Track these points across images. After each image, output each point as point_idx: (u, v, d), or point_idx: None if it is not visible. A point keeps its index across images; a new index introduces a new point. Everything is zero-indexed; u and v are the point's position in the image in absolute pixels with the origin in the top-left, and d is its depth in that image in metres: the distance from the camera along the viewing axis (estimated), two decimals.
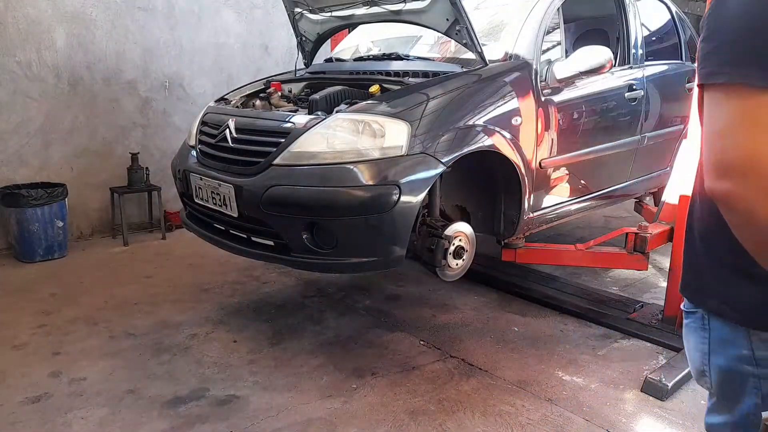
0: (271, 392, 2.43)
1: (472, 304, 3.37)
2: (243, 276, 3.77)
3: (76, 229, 4.53)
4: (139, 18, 4.61)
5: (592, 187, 3.39)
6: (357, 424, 2.22)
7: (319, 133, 2.42)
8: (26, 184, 4.17)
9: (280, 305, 3.33)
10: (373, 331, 3.01)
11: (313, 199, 2.34)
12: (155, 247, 4.44)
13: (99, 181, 4.59)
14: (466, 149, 2.49)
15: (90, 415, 2.26)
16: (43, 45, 4.19)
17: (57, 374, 2.55)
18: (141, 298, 3.39)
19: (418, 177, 2.35)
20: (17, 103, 4.14)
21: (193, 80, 4.99)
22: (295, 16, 3.44)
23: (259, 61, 5.38)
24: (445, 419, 2.25)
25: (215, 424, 2.21)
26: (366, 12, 3.06)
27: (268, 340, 2.89)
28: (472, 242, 2.63)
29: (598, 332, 3.01)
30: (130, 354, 2.74)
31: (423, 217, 2.59)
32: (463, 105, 2.56)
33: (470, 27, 2.62)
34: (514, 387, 2.48)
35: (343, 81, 3.05)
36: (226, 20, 5.12)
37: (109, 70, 4.53)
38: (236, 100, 3.21)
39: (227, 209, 2.62)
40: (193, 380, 2.52)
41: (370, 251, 2.42)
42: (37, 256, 4.02)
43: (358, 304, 3.37)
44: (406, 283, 3.67)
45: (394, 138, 2.36)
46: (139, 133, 4.77)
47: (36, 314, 3.16)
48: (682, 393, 2.48)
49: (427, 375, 2.58)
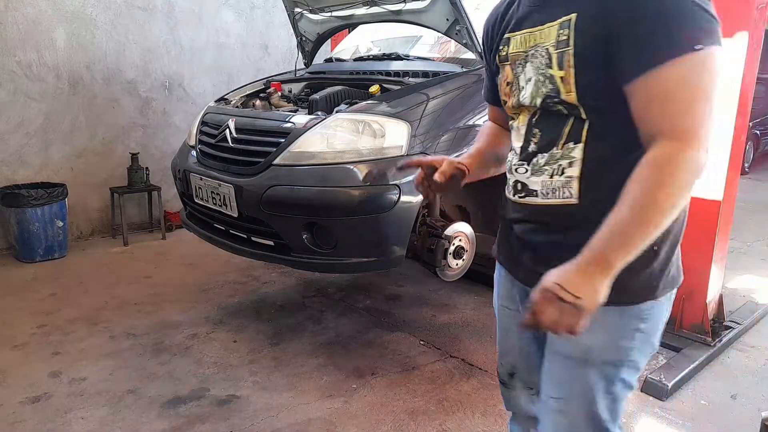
0: (271, 392, 2.43)
1: (472, 304, 3.37)
2: (243, 276, 3.77)
3: (76, 229, 4.53)
4: (139, 18, 4.61)
5: None
6: (357, 424, 2.22)
7: (319, 133, 2.42)
8: (26, 184, 4.17)
9: (280, 305, 3.33)
10: (373, 331, 3.01)
11: (313, 199, 2.34)
12: (155, 247, 4.44)
13: (99, 181, 4.59)
14: (466, 149, 2.49)
15: (90, 415, 2.26)
16: (43, 45, 4.19)
17: (57, 374, 2.55)
18: (141, 298, 3.39)
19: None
20: (17, 103, 4.14)
21: (193, 80, 4.99)
22: (295, 16, 3.44)
23: (259, 61, 5.38)
24: (445, 419, 2.25)
25: (215, 424, 2.21)
26: (366, 12, 3.06)
27: (268, 340, 2.89)
28: (472, 242, 2.63)
29: None
30: (130, 354, 2.74)
31: (423, 217, 2.59)
32: (463, 105, 2.56)
33: (470, 27, 2.62)
34: None
35: (343, 81, 3.05)
36: (226, 20, 5.12)
37: (109, 70, 4.53)
38: (236, 100, 3.21)
39: (227, 209, 2.62)
40: (193, 380, 2.52)
41: (370, 251, 2.42)
42: (37, 256, 4.02)
43: (358, 304, 3.37)
44: (406, 283, 3.67)
45: (394, 138, 2.36)
46: (139, 133, 4.77)
47: (36, 314, 3.15)
48: (682, 393, 2.48)
49: (427, 375, 2.58)
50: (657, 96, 0.92)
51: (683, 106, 0.91)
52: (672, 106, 0.91)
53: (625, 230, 0.92)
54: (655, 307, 1.10)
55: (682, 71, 0.90)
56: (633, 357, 1.12)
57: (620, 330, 1.10)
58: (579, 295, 0.92)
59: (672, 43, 0.90)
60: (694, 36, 0.89)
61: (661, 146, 0.91)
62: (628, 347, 1.10)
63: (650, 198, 0.91)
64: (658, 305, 1.11)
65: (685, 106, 0.90)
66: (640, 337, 1.10)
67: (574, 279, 0.93)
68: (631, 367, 1.12)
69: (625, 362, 1.11)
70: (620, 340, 1.10)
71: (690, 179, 0.91)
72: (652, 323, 1.11)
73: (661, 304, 1.11)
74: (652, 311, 1.10)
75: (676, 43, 0.90)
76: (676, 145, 0.90)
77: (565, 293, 0.92)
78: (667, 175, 0.90)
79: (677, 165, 0.90)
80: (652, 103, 0.93)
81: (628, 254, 0.93)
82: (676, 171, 0.90)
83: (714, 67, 0.90)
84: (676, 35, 0.90)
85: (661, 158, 0.91)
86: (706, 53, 0.89)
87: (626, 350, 1.11)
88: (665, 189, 0.90)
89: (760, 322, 3.24)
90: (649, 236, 0.92)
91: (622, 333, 1.10)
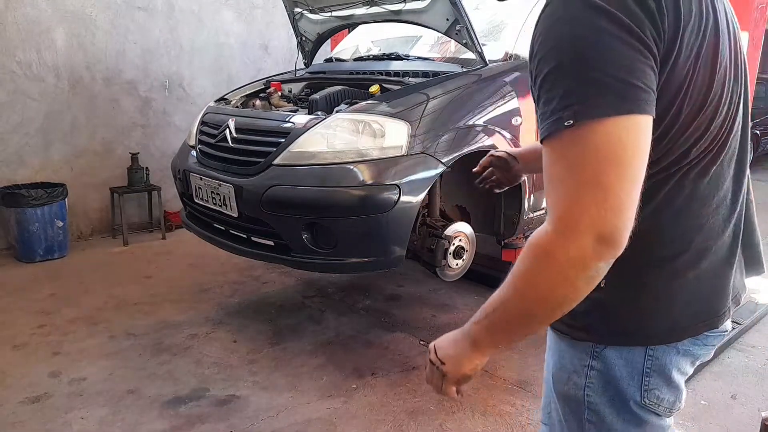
0: (271, 392, 2.43)
1: (472, 304, 3.37)
2: (243, 276, 3.77)
3: (76, 229, 4.53)
4: (139, 18, 4.60)
5: None
6: (357, 424, 2.22)
7: (319, 133, 2.42)
8: (26, 184, 4.17)
9: (280, 305, 3.33)
10: (373, 331, 3.01)
11: (313, 199, 2.34)
12: (155, 247, 4.44)
13: (99, 181, 4.59)
14: (466, 149, 2.49)
15: (90, 415, 2.26)
16: (43, 45, 4.19)
17: (57, 374, 2.55)
18: (141, 298, 3.39)
19: (418, 177, 2.35)
20: (17, 103, 4.14)
21: (193, 80, 4.99)
22: (295, 16, 3.44)
23: (259, 61, 5.38)
24: (445, 419, 2.25)
25: (215, 424, 2.21)
26: (366, 12, 3.06)
27: (268, 340, 2.89)
28: (472, 242, 2.63)
29: None
30: (130, 354, 2.74)
31: (423, 217, 2.59)
32: (463, 105, 2.56)
33: (470, 27, 2.62)
34: (514, 387, 2.48)
35: (343, 81, 3.05)
36: (226, 20, 5.12)
37: (109, 70, 4.53)
38: (236, 100, 3.21)
39: (227, 209, 2.62)
40: (193, 380, 2.52)
41: (370, 251, 2.42)
42: (37, 256, 4.01)
43: (358, 304, 3.37)
44: (406, 283, 3.67)
45: (394, 138, 2.36)
46: (139, 133, 4.77)
47: (36, 314, 3.15)
48: None
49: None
50: (543, 170, 0.81)
51: (552, 188, 0.78)
52: (547, 185, 0.79)
53: (494, 306, 0.85)
54: (609, 350, 0.92)
55: (552, 151, 0.77)
56: (592, 400, 0.95)
57: (571, 362, 0.97)
58: (444, 360, 0.94)
59: (543, 118, 0.77)
60: (567, 107, 0.73)
61: (542, 226, 0.79)
62: (582, 384, 0.95)
63: (516, 282, 0.81)
64: (618, 350, 0.92)
65: (554, 188, 0.77)
66: (596, 377, 0.93)
67: (445, 344, 0.95)
68: (595, 412, 0.95)
69: (584, 403, 0.96)
70: (572, 374, 0.97)
71: (550, 276, 0.77)
72: (612, 367, 0.92)
73: (620, 350, 0.91)
74: (605, 353, 0.92)
75: (546, 119, 0.76)
76: (547, 227, 0.78)
77: (434, 356, 0.95)
78: (526, 260, 0.80)
79: (537, 254, 0.78)
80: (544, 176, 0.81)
81: (492, 336, 0.87)
82: (536, 261, 0.78)
83: (599, 144, 0.72)
84: (548, 109, 0.75)
85: (532, 239, 0.80)
86: (587, 129, 0.72)
87: (581, 387, 0.95)
88: (526, 279, 0.80)
89: (761, 322, 3.24)
90: (514, 326, 0.84)
91: (573, 366, 0.96)
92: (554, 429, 1.05)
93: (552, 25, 0.76)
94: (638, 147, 0.73)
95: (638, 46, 0.72)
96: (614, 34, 0.71)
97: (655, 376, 0.91)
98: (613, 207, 0.72)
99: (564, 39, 0.74)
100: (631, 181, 0.73)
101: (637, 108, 0.72)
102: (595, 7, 0.72)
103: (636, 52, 0.72)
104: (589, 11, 0.72)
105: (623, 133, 0.72)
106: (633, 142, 0.72)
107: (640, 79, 0.72)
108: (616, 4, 0.72)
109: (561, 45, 0.74)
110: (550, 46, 0.75)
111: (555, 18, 0.76)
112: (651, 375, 0.91)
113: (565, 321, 0.91)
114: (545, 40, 0.76)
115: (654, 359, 0.91)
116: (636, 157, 0.73)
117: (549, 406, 1.07)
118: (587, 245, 0.73)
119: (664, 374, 0.92)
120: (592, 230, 0.73)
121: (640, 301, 0.90)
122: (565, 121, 0.73)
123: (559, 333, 0.98)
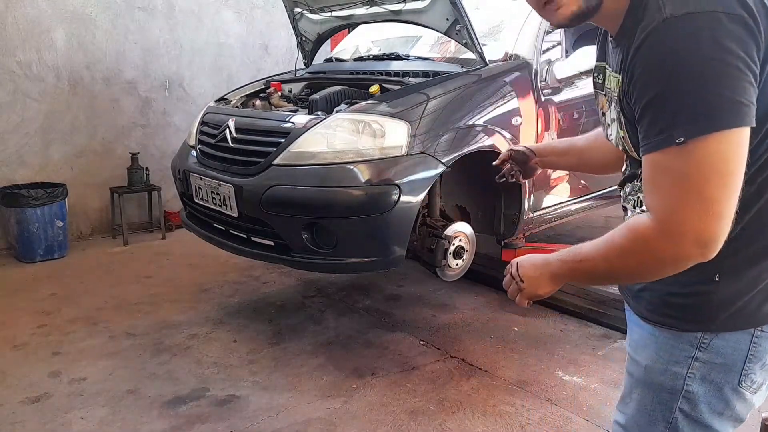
0: (271, 392, 2.43)
1: (472, 304, 3.37)
2: (243, 276, 3.77)
3: (76, 229, 4.53)
4: (139, 18, 4.60)
5: (593, 187, 3.38)
6: (357, 424, 2.22)
7: (319, 133, 2.42)
8: (26, 184, 4.17)
9: (280, 305, 3.33)
10: (373, 331, 3.01)
11: (313, 199, 2.34)
12: (155, 247, 4.43)
13: (99, 181, 4.59)
14: (466, 149, 2.50)
15: (90, 415, 2.26)
16: (43, 45, 4.19)
17: (57, 374, 2.55)
18: (141, 298, 3.39)
19: (418, 177, 2.36)
20: (17, 103, 4.14)
21: (193, 80, 4.99)
22: (295, 16, 3.44)
23: (259, 61, 5.38)
24: (445, 419, 2.25)
25: (215, 424, 2.21)
26: (366, 12, 3.06)
27: (268, 340, 2.89)
28: (472, 242, 2.63)
29: (598, 332, 3.01)
30: (130, 354, 2.74)
31: (423, 217, 2.59)
32: (463, 105, 2.56)
33: (470, 27, 2.62)
34: (514, 387, 2.48)
35: (343, 81, 3.05)
36: (226, 20, 5.12)
37: (109, 70, 4.53)
38: (236, 100, 3.21)
39: (227, 209, 2.62)
40: (193, 380, 2.52)
41: (370, 251, 2.42)
42: (37, 256, 4.01)
43: (358, 304, 3.37)
44: (406, 283, 3.66)
45: (394, 138, 2.37)
46: (139, 133, 4.77)
47: (36, 314, 3.15)
48: None
49: (427, 375, 2.58)
50: (646, 174, 0.90)
51: (656, 193, 0.88)
52: (648, 188, 0.89)
53: (583, 257, 0.97)
54: (718, 340, 0.98)
55: (659, 162, 0.86)
56: (691, 389, 1.01)
57: (672, 353, 1.02)
58: (523, 279, 1.05)
59: (650, 134, 0.86)
60: (678, 126, 0.81)
61: (645, 215, 0.89)
62: (683, 374, 1.01)
63: (609, 250, 0.93)
64: (725, 339, 0.98)
65: (658, 194, 0.87)
66: (699, 367, 1.00)
67: (527, 265, 1.06)
68: (690, 400, 1.01)
69: (680, 392, 1.02)
70: (673, 365, 1.02)
71: (641, 259, 0.90)
72: (718, 357, 0.99)
73: (727, 339, 0.98)
74: (713, 343, 0.98)
75: (655, 135, 0.85)
76: (649, 222, 0.87)
77: (515, 271, 1.07)
78: (624, 240, 0.91)
79: (636, 239, 0.89)
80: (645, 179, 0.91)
81: (572, 277, 1.02)
82: (633, 244, 0.89)
83: (705, 158, 0.81)
84: (657, 127, 0.84)
85: (633, 224, 0.90)
86: (694, 145, 0.80)
87: (681, 377, 1.01)
88: (619, 253, 0.92)
89: None
90: (594, 279, 1.07)
91: (675, 357, 1.02)
92: (634, 418, 1.10)
93: (661, 53, 0.84)
94: (737, 160, 0.82)
95: (744, 69, 0.80)
96: (725, 61, 0.79)
97: (755, 360, 0.99)
98: (713, 216, 0.82)
99: (675, 67, 0.82)
100: (730, 191, 0.82)
101: (740, 121, 0.80)
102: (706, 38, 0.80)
103: (742, 74, 0.80)
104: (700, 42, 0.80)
105: (724, 147, 0.81)
106: (732, 155, 0.81)
107: (743, 96, 0.80)
108: (724, 31, 0.79)
109: (671, 72, 0.82)
110: (660, 73, 0.83)
111: (664, 47, 0.83)
112: (752, 360, 0.99)
113: (673, 314, 1.01)
114: (654, 66, 0.84)
115: (758, 345, 0.99)
116: (735, 170, 0.82)
117: (630, 395, 1.12)
118: (685, 248, 0.84)
119: (763, 358, 0.99)
120: (692, 235, 0.83)
121: (753, 290, 0.97)
122: (676, 139, 0.81)
123: (661, 326, 1.04)
